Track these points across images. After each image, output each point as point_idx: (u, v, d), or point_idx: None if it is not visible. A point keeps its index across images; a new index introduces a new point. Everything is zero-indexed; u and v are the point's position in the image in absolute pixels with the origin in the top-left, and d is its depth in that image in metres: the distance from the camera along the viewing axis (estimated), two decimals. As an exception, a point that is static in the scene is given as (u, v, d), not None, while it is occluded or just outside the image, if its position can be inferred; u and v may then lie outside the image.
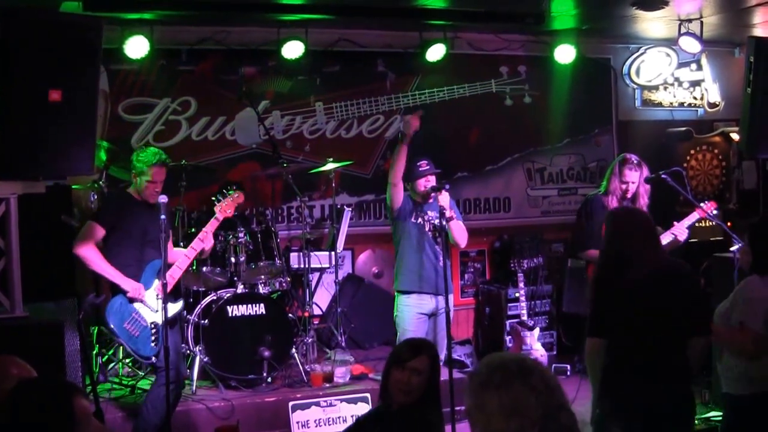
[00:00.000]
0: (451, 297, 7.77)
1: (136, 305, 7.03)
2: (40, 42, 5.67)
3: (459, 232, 7.81)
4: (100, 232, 7.00)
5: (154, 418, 6.98)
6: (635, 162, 7.99)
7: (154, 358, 7.09)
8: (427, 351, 4.95)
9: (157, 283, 6.92)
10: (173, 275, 7.22)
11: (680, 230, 7.96)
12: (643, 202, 8.01)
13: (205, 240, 7.47)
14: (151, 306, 7.01)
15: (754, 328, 5.25)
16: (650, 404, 5.06)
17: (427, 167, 7.77)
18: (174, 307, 7.07)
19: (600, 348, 5.27)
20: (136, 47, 9.03)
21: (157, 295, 6.92)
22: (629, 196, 7.96)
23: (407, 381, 4.82)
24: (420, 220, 7.79)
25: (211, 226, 7.53)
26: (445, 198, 7.52)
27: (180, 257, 7.34)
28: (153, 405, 6.99)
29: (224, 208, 7.60)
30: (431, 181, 7.76)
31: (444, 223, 7.53)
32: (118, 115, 9.55)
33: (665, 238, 7.99)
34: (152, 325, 6.99)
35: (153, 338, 6.98)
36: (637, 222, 5.53)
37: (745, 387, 5.36)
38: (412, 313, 7.71)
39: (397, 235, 7.85)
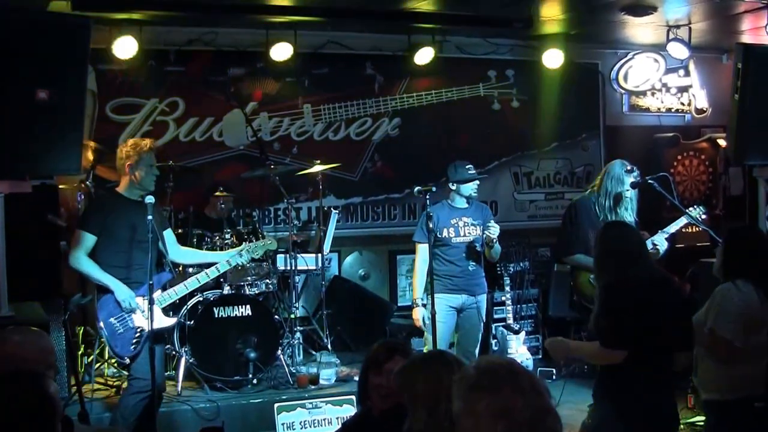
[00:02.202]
0: (484, 296, 8.11)
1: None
2: (28, 41, 5.65)
3: (496, 253, 8.08)
4: (91, 240, 6.90)
5: (122, 426, 6.91)
6: (633, 168, 8.01)
7: (127, 359, 7.03)
8: (401, 352, 4.87)
9: (158, 292, 6.82)
10: (177, 292, 7.15)
11: (659, 240, 7.97)
12: (631, 206, 8.02)
13: (222, 270, 7.47)
14: (144, 312, 6.94)
15: (723, 335, 5.29)
16: (652, 410, 5.07)
17: (474, 172, 7.97)
18: (168, 321, 6.98)
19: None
20: (125, 47, 9.02)
21: (154, 298, 6.86)
22: (625, 201, 7.96)
23: (386, 384, 4.66)
24: (451, 231, 7.95)
25: (234, 260, 7.47)
26: (495, 230, 7.81)
27: (191, 280, 7.26)
28: (122, 414, 6.89)
29: (253, 249, 7.55)
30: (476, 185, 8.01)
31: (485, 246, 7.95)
32: (106, 115, 9.54)
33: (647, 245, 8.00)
34: (138, 329, 6.92)
35: (134, 341, 6.91)
36: (630, 235, 5.54)
37: (728, 392, 5.39)
38: (441, 306, 7.76)
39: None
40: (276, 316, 8.70)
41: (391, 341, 5.20)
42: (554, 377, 9.20)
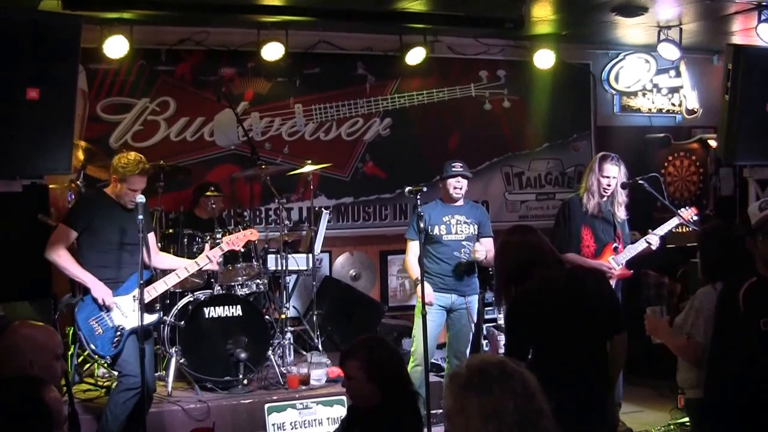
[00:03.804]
0: (475, 297, 8.22)
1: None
2: (18, 40, 5.64)
3: (487, 263, 8.12)
4: (72, 234, 6.88)
5: (112, 425, 6.87)
6: (614, 158, 8.03)
7: (109, 359, 7.01)
8: (355, 354, 4.84)
9: (136, 291, 6.81)
10: (157, 288, 7.17)
11: (653, 239, 7.98)
12: (621, 200, 8.04)
13: (202, 263, 7.49)
14: (123, 310, 6.92)
15: (698, 339, 5.28)
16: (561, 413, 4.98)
17: (460, 168, 8.06)
18: (148, 318, 6.94)
19: None
20: (116, 47, 8.99)
21: (134, 297, 6.85)
22: (608, 192, 7.96)
23: (348, 386, 4.85)
24: (442, 228, 8.01)
25: (214, 253, 7.54)
26: (480, 253, 7.91)
27: (171, 276, 7.29)
28: (112, 412, 6.87)
29: (234, 241, 7.66)
30: (462, 183, 8.06)
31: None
32: (97, 114, 9.51)
33: (639, 246, 8.00)
34: (119, 328, 6.90)
35: (115, 341, 6.88)
36: (529, 237, 5.46)
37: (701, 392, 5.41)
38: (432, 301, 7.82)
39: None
40: (267, 317, 8.68)
41: (355, 343, 5.07)
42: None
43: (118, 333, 6.87)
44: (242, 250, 8.25)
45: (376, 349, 4.95)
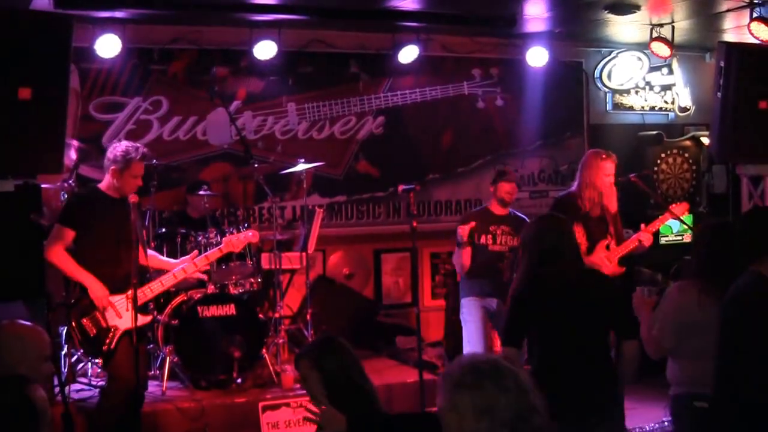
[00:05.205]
0: None
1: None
2: (10, 39, 5.63)
3: None
4: (69, 234, 6.85)
5: (103, 427, 6.85)
6: (607, 154, 8.02)
7: (101, 360, 6.99)
8: (305, 353, 4.84)
9: (130, 290, 6.77)
10: (153, 289, 7.15)
11: (645, 236, 7.98)
12: (614, 197, 8.03)
13: (200, 266, 7.47)
14: (119, 310, 6.90)
15: (655, 334, 5.29)
16: (571, 409, 4.98)
17: (513, 175, 8.22)
18: (142, 319, 6.90)
19: (516, 357, 5.24)
20: (108, 46, 8.98)
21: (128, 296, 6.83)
22: (601, 190, 7.94)
23: (304, 388, 4.86)
24: (489, 238, 8.08)
25: (213, 254, 7.54)
26: None
27: (167, 276, 7.27)
28: (102, 413, 6.86)
29: (234, 242, 7.63)
30: (515, 189, 8.17)
31: None
32: (89, 113, 9.49)
33: (631, 243, 8.00)
34: (112, 329, 6.87)
35: (108, 341, 6.86)
36: (563, 229, 5.51)
37: (674, 386, 5.43)
38: (477, 305, 8.03)
39: None
40: (261, 315, 8.68)
41: (313, 341, 5.08)
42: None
43: (111, 334, 6.85)
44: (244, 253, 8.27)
45: (326, 347, 4.93)
